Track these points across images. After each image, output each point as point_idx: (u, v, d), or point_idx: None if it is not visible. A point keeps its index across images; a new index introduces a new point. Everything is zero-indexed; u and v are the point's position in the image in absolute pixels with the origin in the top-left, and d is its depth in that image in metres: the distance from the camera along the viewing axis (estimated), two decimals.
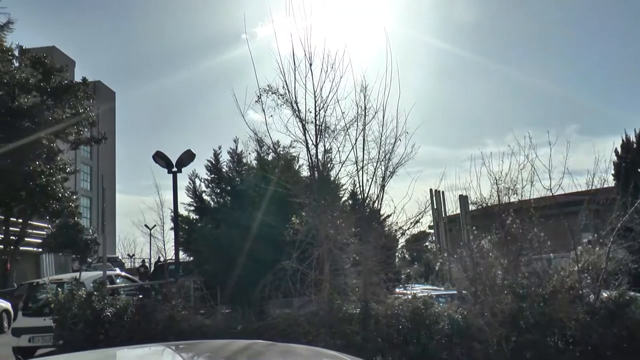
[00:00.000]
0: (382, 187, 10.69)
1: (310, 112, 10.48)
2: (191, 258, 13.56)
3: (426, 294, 11.05)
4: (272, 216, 11.52)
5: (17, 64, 29.96)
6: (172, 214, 12.14)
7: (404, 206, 10.59)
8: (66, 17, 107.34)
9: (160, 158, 11.77)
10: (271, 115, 10.28)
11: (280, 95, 10.45)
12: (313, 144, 10.56)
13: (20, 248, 27.90)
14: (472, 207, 14.99)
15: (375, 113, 10.50)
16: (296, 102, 10.49)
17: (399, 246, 14.16)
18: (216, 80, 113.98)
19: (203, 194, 13.57)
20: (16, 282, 26.54)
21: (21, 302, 14.80)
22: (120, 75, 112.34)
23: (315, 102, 10.39)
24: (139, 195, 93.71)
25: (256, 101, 10.41)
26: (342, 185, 12.49)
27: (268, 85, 10.41)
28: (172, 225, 12.39)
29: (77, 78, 36.80)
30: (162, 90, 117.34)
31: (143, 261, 33.78)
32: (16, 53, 30.80)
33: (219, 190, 13.59)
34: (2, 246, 27.11)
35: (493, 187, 11.43)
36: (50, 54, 34.73)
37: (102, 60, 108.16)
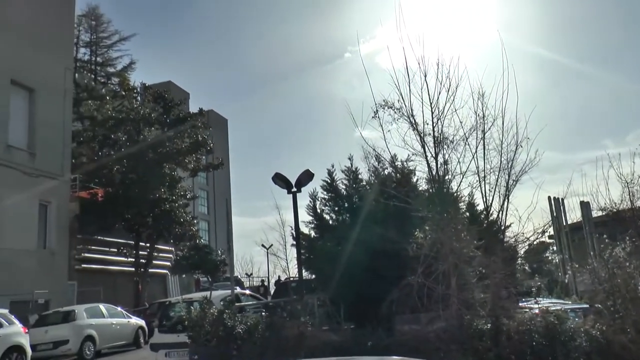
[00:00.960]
0: (507, 196, 10.24)
1: (427, 123, 10.29)
2: (313, 275, 13.61)
3: (558, 307, 10.37)
4: (393, 231, 11.31)
5: (140, 100, 32.04)
6: (293, 232, 12.27)
7: (529, 215, 10.08)
8: (178, 54, 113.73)
9: (279, 179, 11.96)
10: (388, 130, 10.19)
11: (397, 109, 10.34)
12: (432, 155, 10.33)
13: (149, 270, 29.52)
14: (597, 213, 14.00)
15: (494, 120, 10.13)
16: (412, 115, 10.34)
17: (519, 258, 13.49)
18: (322, 100, 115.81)
19: (323, 213, 13.62)
20: (147, 301, 28.07)
21: (156, 319, 15.58)
22: (231, 101, 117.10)
23: (432, 113, 10.19)
24: (251, 217, 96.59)
25: (373, 117, 10.37)
26: (462, 197, 12.10)
27: (384, 100, 10.34)
28: (293, 242, 12.54)
29: (192, 109, 38.77)
30: (269, 114, 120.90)
31: (262, 281, 34.55)
32: (139, 90, 33.05)
33: (337, 208, 13.60)
34: (133, 269, 28.82)
35: (624, 191, 10.60)
36: (167, 89, 36.80)
37: (213, 89, 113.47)
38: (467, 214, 13.01)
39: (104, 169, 29.42)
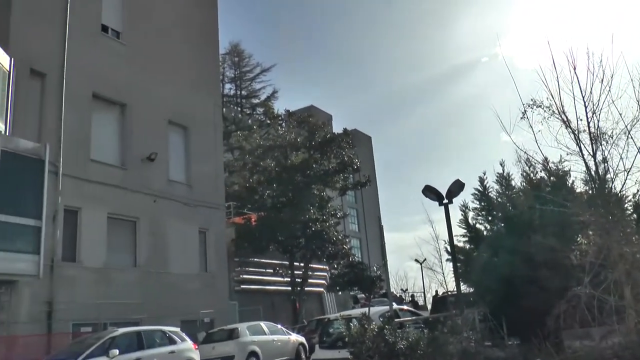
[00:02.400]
0: None
1: (581, 119, 9.74)
2: (471, 289, 13.34)
3: None
4: (552, 239, 10.80)
5: (285, 127, 33.53)
6: (447, 245, 12.17)
7: None
8: (318, 78, 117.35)
9: (430, 192, 11.95)
10: (539, 131, 9.80)
11: (546, 107, 9.92)
12: (589, 154, 9.73)
13: (306, 289, 30.57)
14: None
15: None
16: (564, 112, 9.85)
17: None
18: (463, 108, 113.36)
19: (476, 223, 13.35)
20: (305, 318, 29.04)
21: (316, 336, 16.13)
22: (373, 119, 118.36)
23: (586, 107, 9.63)
24: (403, 232, 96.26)
25: (521, 117, 10.04)
26: (627, 197, 11.25)
27: (531, 99, 9.98)
28: (447, 257, 12.42)
29: (336, 130, 39.76)
30: (411, 127, 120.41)
31: (412, 296, 34.25)
32: (283, 117, 34.62)
33: (490, 218, 13.26)
34: (290, 288, 30.04)
35: None
36: (310, 113, 38.12)
37: (354, 108, 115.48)
38: (635, 215, 12.07)
39: (256, 195, 31.13)
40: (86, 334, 16.34)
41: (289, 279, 30.11)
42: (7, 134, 16.63)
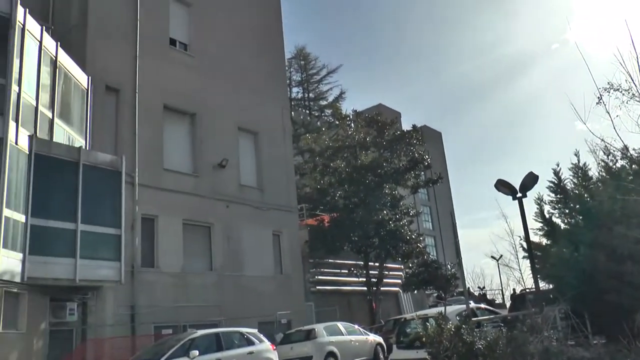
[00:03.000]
0: None
1: None
2: (551, 285, 12.81)
3: None
4: (636, 230, 10.21)
5: (353, 127, 33.45)
6: (523, 241, 11.75)
7: None
8: (384, 76, 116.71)
9: (502, 186, 11.59)
10: (616, 116, 9.28)
11: (624, 90, 9.39)
12: None
13: (381, 288, 30.37)
14: None
15: None
16: None
17: None
18: (533, 98, 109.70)
19: (552, 217, 12.81)
20: (382, 318, 28.87)
21: (393, 336, 16.00)
22: (441, 114, 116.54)
23: None
24: (477, 228, 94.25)
25: (597, 103, 9.55)
26: None
27: (608, 83, 9.47)
28: (524, 254, 11.99)
29: (404, 127, 39.34)
30: (481, 121, 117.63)
31: (484, 294, 33.21)
32: (351, 117, 34.57)
33: (567, 210, 12.69)
34: (365, 288, 29.92)
35: None
36: (378, 111, 37.88)
37: (422, 105, 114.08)
38: None
39: (327, 196, 31.19)
40: (167, 336, 16.85)
41: (364, 279, 30.00)
42: (87, 148, 17.47)
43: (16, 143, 14.00)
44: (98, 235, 15.82)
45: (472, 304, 16.35)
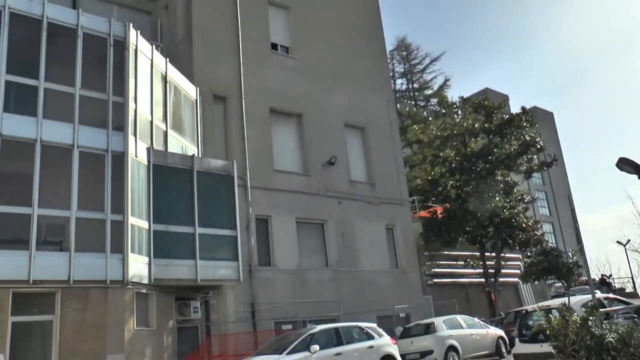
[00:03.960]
0: None
1: None
2: None
3: None
4: None
5: (461, 114, 32.31)
6: None
7: None
8: (488, 59, 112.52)
9: (625, 164, 10.53)
10: None
11: None
12: None
13: (499, 279, 29.10)
14: None
15: None
16: None
17: None
18: None
19: None
20: (502, 310, 27.67)
21: (515, 329, 15.19)
22: (552, 93, 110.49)
23: None
24: (599, 212, 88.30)
25: None
26: None
27: None
28: None
29: (513, 110, 37.50)
30: (596, 96, 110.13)
31: (604, 281, 30.61)
32: (458, 104, 33.38)
33: None
34: (483, 279, 28.80)
35: None
36: (485, 96, 36.41)
37: (530, 85, 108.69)
38: None
39: (439, 187, 30.32)
40: (287, 331, 17.10)
41: (482, 270, 28.89)
42: (200, 155, 18.12)
43: (136, 156, 14.88)
44: (215, 237, 16.37)
45: (599, 294, 15.18)
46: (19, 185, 13.23)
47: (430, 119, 38.31)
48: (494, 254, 29.11)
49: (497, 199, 28.01)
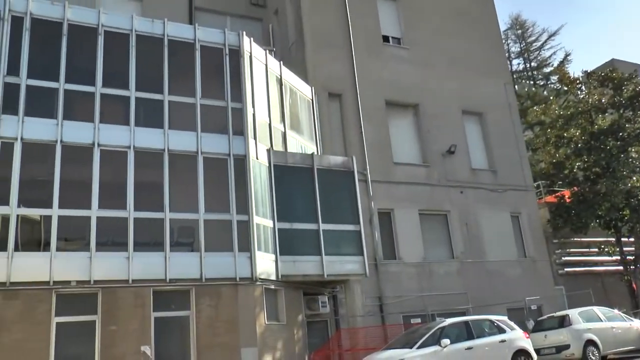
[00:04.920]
0: None
1: None
2: None
3: None
4: None
5: (585, 90, 29.67)
6: None
7: None
8: (613, 27, 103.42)
9: None
10: None
11: None
12: None
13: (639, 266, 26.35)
14: None
15: None
16: None
17: None
18: None
19: None
20: None
21: None
22: None
23: None
24: None
25: None
26: None
27: None
28: None
29: None
30: None
31: None
32: (581, 79, 30.65)
33: None
34: (621, 267, 26.19)
35: None
36: (612, 67, 33.19)
37: None
38: None
39: (565, 170, 27.97)
40: (416, 325, 16.57)
41: (619, 257, 26.24)
42: (319, 153, 18.04)
43: (257, 158, 15.17)
44: (339, 233, 16.23)
45: None
46: (152, 192, 13.83)
47: (551, 98, 35.71)
48: (632, 239, 26.38)
49: (634, 178, 25.33)
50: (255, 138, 15.23)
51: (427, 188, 21.19)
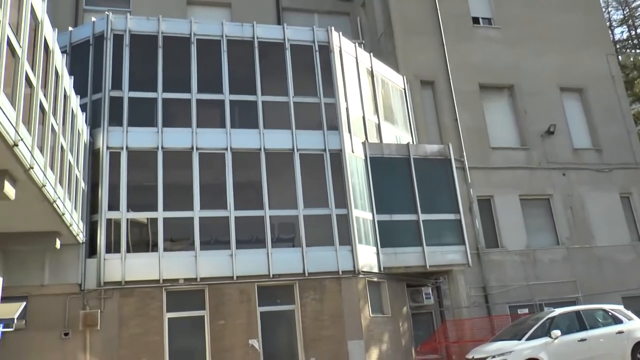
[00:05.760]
0: None
1: None
2: None
3: None
4: None
5: None
6: None
7: None
8: None
9: None
10: None
11: None
12: None
13: None
14: None
15: None
16: None
17: None
18: None
19: None
20: None
21: None
22: None
23: None
24: None
25: None
26: None
27: None
28: None
29: None
30: None
31: None
32: None
33: None
34: None
35: None
36: None
37: None
38: None
39: None
40: (524, 316, 15.71)
41: None
42: (414, 143, 17.49)
43: (352, 151, 14.92)
44: (439, 223, 15.68)
45: None
46: (251, 191, 13.96)
47: None
48: None
49: None
50: (350, 132, 15.01)
51: (527, 172, 19.92)
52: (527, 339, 12.17)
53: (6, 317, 10.80)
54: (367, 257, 14.28)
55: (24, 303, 11.69)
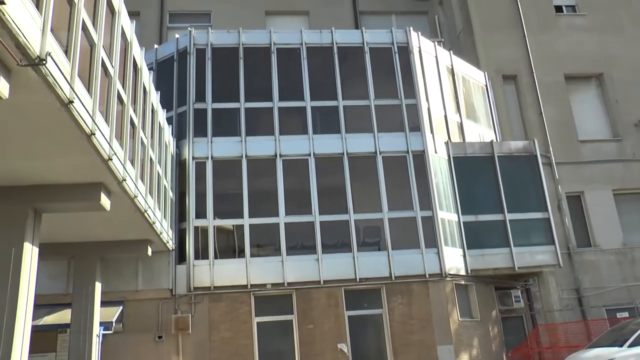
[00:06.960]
0: None
1: None
2: None
3: None
4: None
5: None
6: None
7: None
8: None
9: None
10: None
11: None
12: None
13: None
14: None
15: None
16: None
17: None
18: None
19: None
20: None
21: None
22: None
23: None
24: None
25: None
26: None
27: None
28: None
29: None
30: None
31: None
32: None
33: None
34: None
35: None
36: None
37: None
38: None
39: None
40: (624, 320, 14.38)
41: None
42: (498, 140, 16.56)
43: (435, 152, 14.35)
44: (526, 222, 14.74)
45: None
46: (335, 196, 13.63)
47: None
48: None
49: None
50: (432, 132, 14.43)
51: (620, 164, 18.38)
52: (630, 346, 11.04)
53: (106, 320, 11.10)
54: (454, 259, 13.65)
55: (121, 307, 12.00)
